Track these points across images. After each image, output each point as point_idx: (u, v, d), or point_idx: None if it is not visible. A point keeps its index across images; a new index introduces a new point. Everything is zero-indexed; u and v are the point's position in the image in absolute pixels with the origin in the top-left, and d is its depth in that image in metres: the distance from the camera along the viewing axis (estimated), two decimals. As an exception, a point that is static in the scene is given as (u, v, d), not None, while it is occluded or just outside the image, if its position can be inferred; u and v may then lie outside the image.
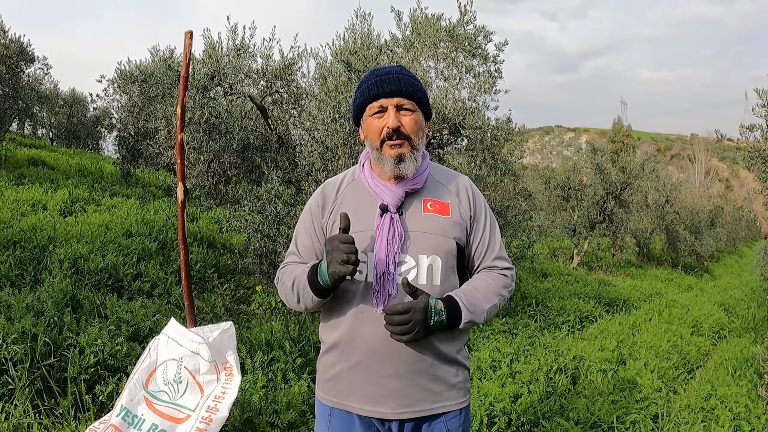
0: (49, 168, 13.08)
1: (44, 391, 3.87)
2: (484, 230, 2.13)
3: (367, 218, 2.01)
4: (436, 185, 2.12)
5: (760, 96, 5.68)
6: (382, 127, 1.98)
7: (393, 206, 1.99)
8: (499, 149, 7.00)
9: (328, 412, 2.10)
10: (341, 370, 2.04)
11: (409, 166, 1.99)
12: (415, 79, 2.06)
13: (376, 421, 2.03)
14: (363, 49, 6.27)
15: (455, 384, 2.07)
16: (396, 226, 1.97)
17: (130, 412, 2.66)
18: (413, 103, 2.01)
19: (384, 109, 1.99)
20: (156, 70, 8.33)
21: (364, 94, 2.02)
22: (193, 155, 7.40)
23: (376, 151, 2.02)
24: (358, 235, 1.98)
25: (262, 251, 6.89)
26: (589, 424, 4.51)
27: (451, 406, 2.05)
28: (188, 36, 2.66)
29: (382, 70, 2.04)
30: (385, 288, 1.95)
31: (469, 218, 2.10)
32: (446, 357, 2.03)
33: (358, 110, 2.08)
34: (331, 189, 2.16)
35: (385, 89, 1.98)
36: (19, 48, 13.06)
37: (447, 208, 2.07)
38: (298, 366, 4.97)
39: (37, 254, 6.19)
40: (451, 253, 2.03)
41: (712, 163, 68.65)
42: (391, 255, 1.94)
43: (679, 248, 21.17)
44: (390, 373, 1.97)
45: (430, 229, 2.01)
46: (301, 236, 2.19)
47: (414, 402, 1.99)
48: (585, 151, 19.29)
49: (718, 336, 8.84)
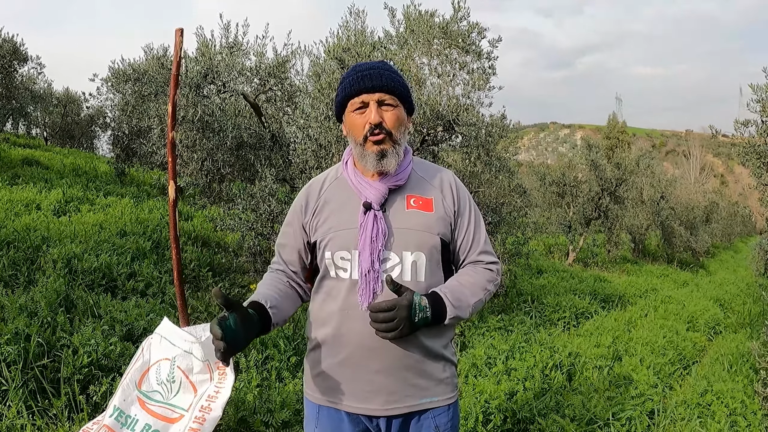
0: (44, 168, 13.02)
1: (38, 392, 3.85)
2: (469, 225, 2.12)
3: (351, 216, 2.01)
4: (420, 181, 2.11)
5: (754, 91, 5.67)
6: (364, 123, 1.98)
7: (376, 203, 1.99)
8: (493, 146, 6.99)
9: (317, 409, 2.10)
10: (329, 366, 2.04)
11: (391, 162, 1.99)
12: (397, 74, 2.05)
13: (364, 418, 2.03)
14: (356, 46, 6.26)
15: (443, 379, 2.06)
16: (379, 223, 1.96)
17: (123, 413, 2.64)
18: (395, 98, 2.00)
19: (366, 104, 1.98)
20: (149, 69, 8.32)
21: (345, 90, 2.02)
22: (187, 153, 7.38)
23: (359, 147, 2.01)
24: (342, 233, 1.99)
25: (256, 249, 6.88)
26: (585, 420, 4.51)
27: (439, 401, 2.05)
28: (179, 33, 2.64)
29: (364, 66, 2.03)
30: (370, 285, 1.94)
31: (453, 213, 2.09)
32: (433, 352, 2.02)
33: (340, 106, 2.07)
34: (315, 188, 2.16)
35: (366, 84, 1.97)
36: (12, 47, 13.03)
37: (430, 203, 2.06)
38: (292, 364, 4.95)
39: (30, 254, 6.17)
40: (435, 248, 2.02)
41: (707, 159, 68.86)
42: (375, 252, 1.94)
43: (675, 244, 21.22)
44: (377, 369, 1.97)
45: (413, 226, 2.00)
46: (284, 235, 2.21)
47: (402, 398, 1.99)
48: (580, 148, 19.30)
49: (714, 331, 8.86)
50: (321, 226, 2.06)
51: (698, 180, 53.65)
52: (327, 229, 2.04)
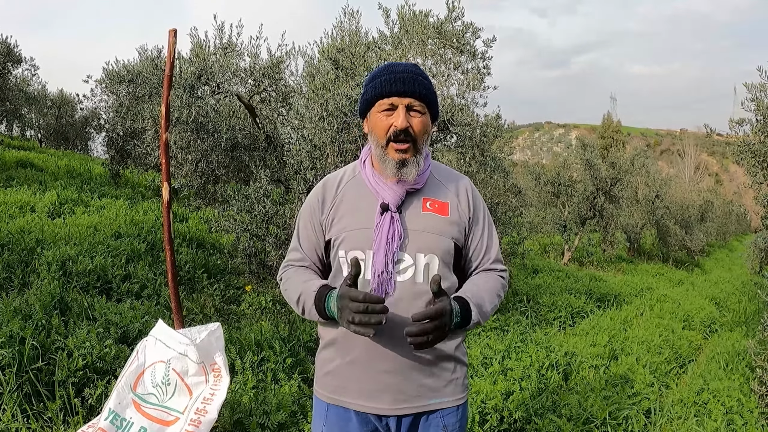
0: (38, 170, 12.98)
1: (32, 395, 3.83)
2: (483, 232, 2.13)
3: (367, 216, 2.00)
4: (437, 185, 2.11)
5: (749, 90, 5.67)
6: (390, 126, 1.96)
7: (393, 205, 1.98)
8: (488, 146, 7.00)
9: (325, 407, 2.09)
10: (338, 365, 2.04)
11: (411, 172, 1.98)
12: (428, 81, 2.03)
13: (372, 417, 2.02)
14: (351, 46, 6.25)
15: (453, 380, 2.06)
16: (396, 225, 1.95)
17: (118, 416, 2.63)
18: (423, 105, 1.99)
19: (394, 107, 1.96)
20: (143, 70, 8.27)
21: (376, 89, 1.99)
22: (181, 155, 7.36)
23: (380, 149, 2.00)
24: (357, 232, 1.99)
25: (251, 251, 6.86)
26: (581, 420, 4.51)
27: (449, 402, 2.04)
28: (172, 34, 2.63)
29: (398, 67, 2.00)
30: (382, 286, 1.93)
31: (468, 219, 2.09)
32: (444, 354, 2.02)
33: (368, 104, 2.04)
34: (332, 185, 2.14)
35: (399, 88, 1.94)
36: (6, 49, 12.99)
37: (446, 208, 2.06)
38: (288, 366, 4.94)
39: (25, 257, 6.14)
40: (448, 252, 2.02)
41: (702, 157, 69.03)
42: (390, 254, 1.93)
43: (670, 243, 21.26)
44: (387, 368, 1.96)
45: (428, 228, 2.00)
46: (302, 232, 2.19)
47: (411, 398, 1.99)
48: (575, 147, 19.33)
49: (710, 330, 8.88)
50: (336, 224, 2.05)
51: (693, 179, 53.76)
52: (342, 227, 2.03)
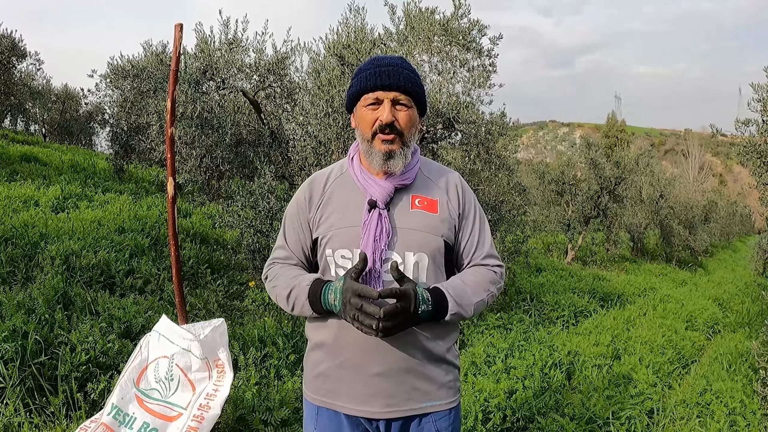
0: (42, 164, 12.98)
1: (35, 390, 3.83)
2: (473, 228, 2.08)
3: (355, 214, 1.96)
4: (426, 181, 2.07)
5: (755, 90, 5.65)
6: (375, 120, 1.93)
7: (382, 202, 1.95)
8: (493, 144, 6.98)
9: (315, 410, 2.06)
10: (328, 368, 2.01)
11: (397, 164, 1.95)
12: (415, 74, 2.00)
13: (363, 420, 1.99)
14: (356, 43, 6.24)
15: (445, 383, 2.02)
16: (384, 222, 1.92)
17: (121, 411, 2.63)
18: (410, 99, 1.95)
19: (379, 101, 1.93)
20: (148, 65, 8.27)
21: (361, 83, 1.96)
22: (186, 150, 7.37)
23: (366, 143, 1.96)
24: (345, 230, 1.95)
25: (255, 247, 6.86)
26: (584, 419, 4.50)
27: (441, 405, 2.01)
28: (178, 29, 2.62)
29: (383, 61, 1.97)
30: (371, 285, 1.90)
31: (457, 216, 2.05)
32: (435, 356, 1.98)
33: (353, 99, 2.01)
34: (319, 182, 2.11)
35: (384, 82, 1.91)
36: (11, 43, 12.98)
37: (435, 205, 2.02)
38: (291, 362, 4.94)
39: (28, 251, 6.15)
40: (438, 250, 1.98)
41: (706, 158, 68.79)
42: (377, 252, 1.90)
43: (674, 243, 21.21)
44: (377, 371, 1.93)
45: (417, 226, 1.96)
46: (289, 230, 2.15)
47: (402, 401, 1.95)
48: (579, 146, 19.29)
49: (713, 331, 8.85)
50: (323, 223, 2.02)
51: (697, 179, 53.67)
52: (329, 226, 2.00)
